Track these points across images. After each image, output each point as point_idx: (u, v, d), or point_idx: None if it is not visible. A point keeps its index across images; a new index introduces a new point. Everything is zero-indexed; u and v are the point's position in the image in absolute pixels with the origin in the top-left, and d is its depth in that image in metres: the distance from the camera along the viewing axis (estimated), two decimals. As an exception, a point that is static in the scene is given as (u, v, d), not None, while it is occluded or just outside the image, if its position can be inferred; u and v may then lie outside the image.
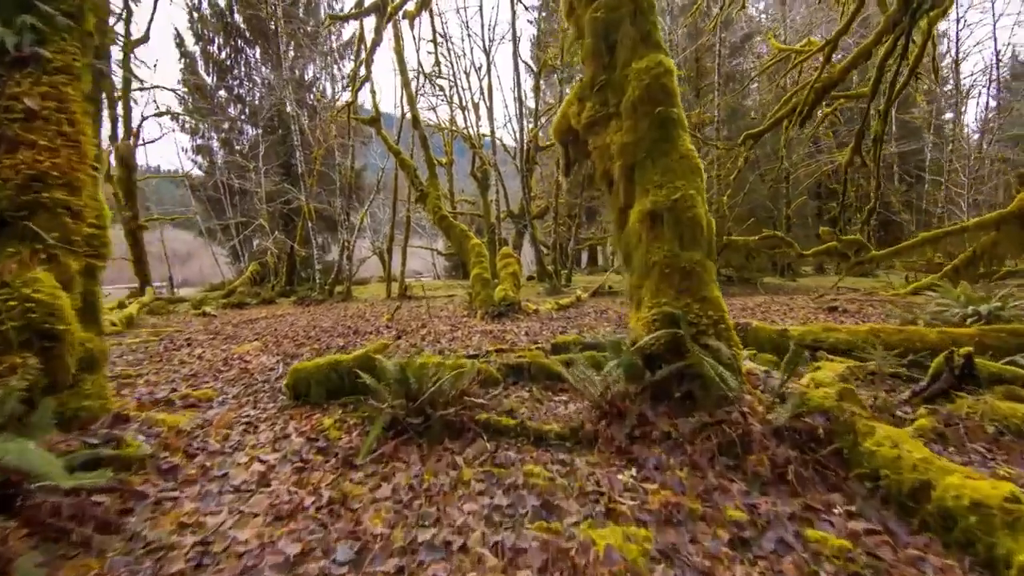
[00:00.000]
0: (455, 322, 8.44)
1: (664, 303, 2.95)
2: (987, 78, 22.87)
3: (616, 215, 3.39)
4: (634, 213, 3.18)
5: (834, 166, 21.73)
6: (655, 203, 3.05)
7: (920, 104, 22.51)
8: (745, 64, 23.59)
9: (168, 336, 8.25)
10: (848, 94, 14.48)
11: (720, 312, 2.96)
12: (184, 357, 6.01)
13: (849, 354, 4.36)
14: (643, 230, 3.10)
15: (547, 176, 26.12)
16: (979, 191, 20.67)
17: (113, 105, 19.31)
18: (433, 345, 6.09)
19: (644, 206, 3.10)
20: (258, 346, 6.57)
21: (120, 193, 19.26)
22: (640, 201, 3.15)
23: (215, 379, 4.80)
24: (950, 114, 24.39)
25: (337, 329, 8.17)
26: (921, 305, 8.23)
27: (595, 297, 13.91)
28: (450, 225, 11.10)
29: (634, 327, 3.18)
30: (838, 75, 11.21)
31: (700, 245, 3.04)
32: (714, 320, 2.92)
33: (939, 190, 22.10)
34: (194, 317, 12.74)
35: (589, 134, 3.51)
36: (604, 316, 8.81)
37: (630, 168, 3.22)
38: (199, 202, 24.77)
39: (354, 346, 6.33)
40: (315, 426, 3.21)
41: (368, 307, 13.21)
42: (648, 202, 3.08)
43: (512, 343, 6.19)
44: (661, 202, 3.03)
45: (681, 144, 3.17)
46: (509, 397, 3.94)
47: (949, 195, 21.00)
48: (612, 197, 3.42)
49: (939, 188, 22.11)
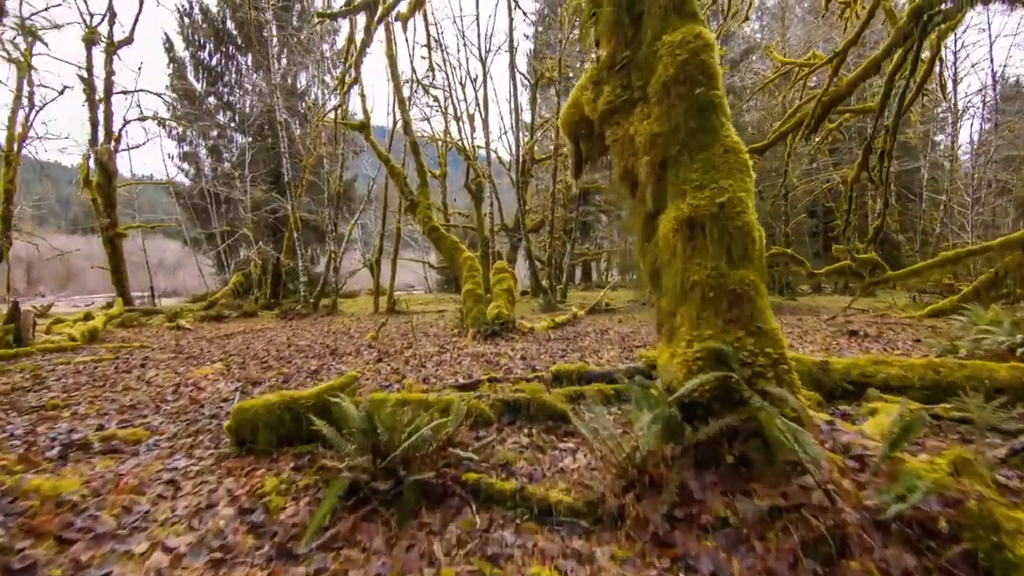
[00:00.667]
0: (444, 342, 7.72)
1: (708, 336, 2.28)
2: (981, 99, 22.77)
3: (641, 223, 2.73)
4: (666, 220, 2.52)
5: (832, 184, 21.40)
6: (695, 208, 2.40)
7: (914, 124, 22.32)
8: (743, 80, 23.32)
9: (128, 353, 7.47)
10: (854, 108, 14.09)
11: (780, 348, 2.29)
12: (132, 382, 5.25)
13: (904, 393, 3.71)
14: (678, 242, 2.43)
15: (543, 190, 25.61)
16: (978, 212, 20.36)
17: (94, 108, 18.64)
18: (417, 371, 5.38)
19: (680, 212, 2.44)
20: (219, 369, 5.82)
21: (99, 199, 18.50)
22: (674, 205, 2.49)
23: (156, 412, 4.06)
24: (940, 136, 24.28)
25: (314, 348, 7.42)
26: (943, 330, 7.64)
27: (592, 314, 13.27)
28: (441, 237, 10.43)
29: (665, 364, 2.50)
30: (845, 88, 10.73)
31: (752, 261, 2.38)
32: (773, 359, 2.25)
33: (936, 210, 21.82)
34: (168, 330, 11.94)
35: (607, 124, 2.86)
36: (605, 337, 8.14)
37: (660, 165, 2.57)
38: (184, 210, 24.01)
39: (328, 371, 5.60)
40: (254, 488, 2.48)
41: (353, 322, 12.47)
42: (685, 207, 2.43)
43: (507, 369, 5.49)
44: (702, 207, 2.38)
45: (725, 135, 2.53)
46: (504, 443, 3.24)
47: (951, 214, 20.68)
48: (636, 202, 2.76)
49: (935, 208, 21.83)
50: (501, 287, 9.56)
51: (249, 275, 20.30)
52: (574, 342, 7.55)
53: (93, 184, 18.80)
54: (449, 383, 4.73)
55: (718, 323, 2.29)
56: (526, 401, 3.63)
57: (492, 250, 18.61)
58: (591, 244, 33.02)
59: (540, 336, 8.29)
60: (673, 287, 2.46)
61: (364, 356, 6.56)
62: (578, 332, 8.95)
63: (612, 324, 10.55)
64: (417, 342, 7.78)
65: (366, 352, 6.87)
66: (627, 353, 6.36)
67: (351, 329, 10.72)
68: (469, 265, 9.76)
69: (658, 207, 2.61)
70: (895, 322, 9.10)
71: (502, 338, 7.95)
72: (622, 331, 9.02)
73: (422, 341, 7.93)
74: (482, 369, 5.49)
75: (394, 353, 6.68)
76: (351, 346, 7.60)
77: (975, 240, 18.21)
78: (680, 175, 2.50)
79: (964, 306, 8.17)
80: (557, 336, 8.32)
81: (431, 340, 7.99)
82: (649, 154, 2.60)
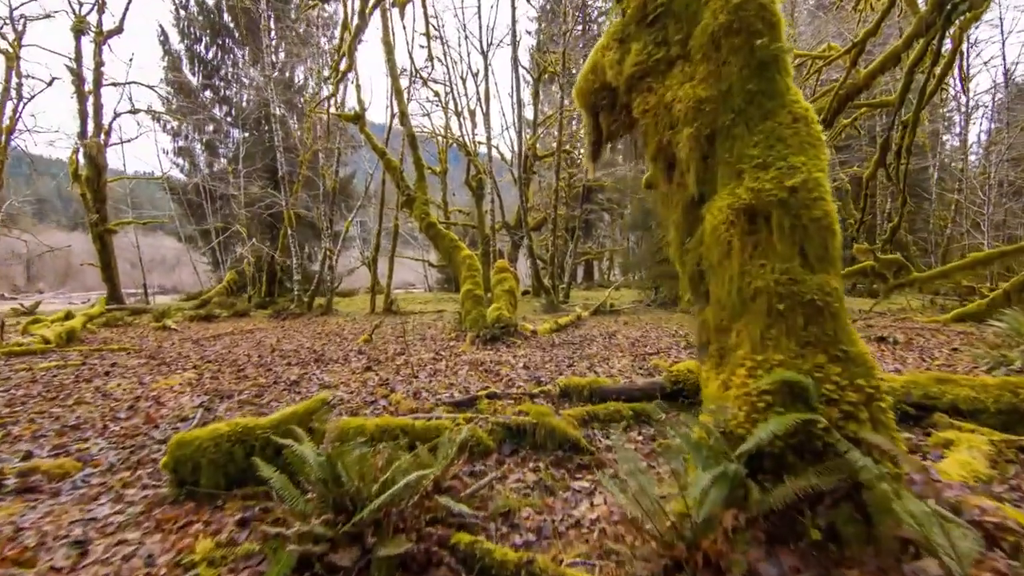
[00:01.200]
0: (440, 347, 7.15)
1: (779, 362, 1.71)
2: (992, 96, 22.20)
3: (679, 214, 2.16)
4: (715, 210, 1.95)
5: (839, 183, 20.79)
6: (757, 193, 1.83)
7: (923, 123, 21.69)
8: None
9: (100, 357, 6.91)
10: (872, 103, 13.48)
11: (873, 379, 1.72)
12: (88, 393, 4.68)
13: (976, 418, 3.15)
14: (734, 237, 1.87)
15: (545, 187, 25.04)
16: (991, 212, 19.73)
17: (83, 100, 18.08)
18: (408, 383, 4.81)
19: (736, 198, 1.87)
20: (189, 379, 5.25)
21: (88, 194, 17.96)
22: (728, 190, 1.92)
23: (101, 434, 3.50)
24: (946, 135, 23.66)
25: (299, 354, 6.85)
26: (977, 337, 7.07)
27: (596, 315, 12.71)
28: (438, 234, 9.86)
29: (715, 396, 1.93)
30: (863, 81, 10.13)
31: (834, 263, 1.81)
32: (867, 394, 1.68)
33: (946, 209, 21.20)
34: (153, 331, 11.39)
35: (635, 91, 2.29)
36: (613, 342, 7.57)
37: (708, 139, 2.00)
38: (179, 206, 23.47)
39: (309, 383, 5.03)
40: (181, 555, 1.92)
41: (348, 323, 11.91)
42: (744, 191, 1.86)
43: (507, 380, 4.92)
44: (767, 191, 1.81)
45: (793, 99, 1.96)
46: (506, 480, 2.67)
47: (965, 214, 20.07)
48: (672, 187, 2.19)
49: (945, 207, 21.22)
50: (502, 288, 8.99)
51: (243, 273, 19.75)
52: (580, 348, 6.98)
53: (82, 178, 18.27)
54: (443, 398, 4.17)
55: (791, 345, 1.72)
56: (531, 426, 3.06)
57: (493, 248, 18.06)
58: (593, 243, 32.46)
59: (544, 341, 7.72)
60: (726, 296, 1.89)
61: (352, 363, 5.99)
62: (583, 336, 8.39)
63: (618, 326, 9.98)
64: (411, 347, 7.22)
65: (355, 359, 6.31)
66: (640, 362, 5.80)
67: (345, 330, 10.16)
68: (468, 264, 9.20)
69: (704, 193, 2.05)
70: (920, 327, 8.51)
71: (503, 343, 7.39)
72: (630, 335, 8.45)
73: (417, 346, 7.36)
74: (480, 380, 4.93)
75: (385, 360, 6.11)
76: (340, 351, 7.03)
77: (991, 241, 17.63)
78: (735, 151, 1.93)
79: (998, 311, 7.60)
80: (562, 340, 7.76)
81: (426, 345, 7.42)
82: (692, 125, 2.03)
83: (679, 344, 7.15)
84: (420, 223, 9.86)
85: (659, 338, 7.98)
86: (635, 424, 3.49)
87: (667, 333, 8.64)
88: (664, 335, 8.40)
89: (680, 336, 8.04)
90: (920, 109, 9.52)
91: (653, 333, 8.68)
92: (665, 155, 2.20)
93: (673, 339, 7.77)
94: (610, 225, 31.28)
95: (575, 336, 8.40)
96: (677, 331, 8.86)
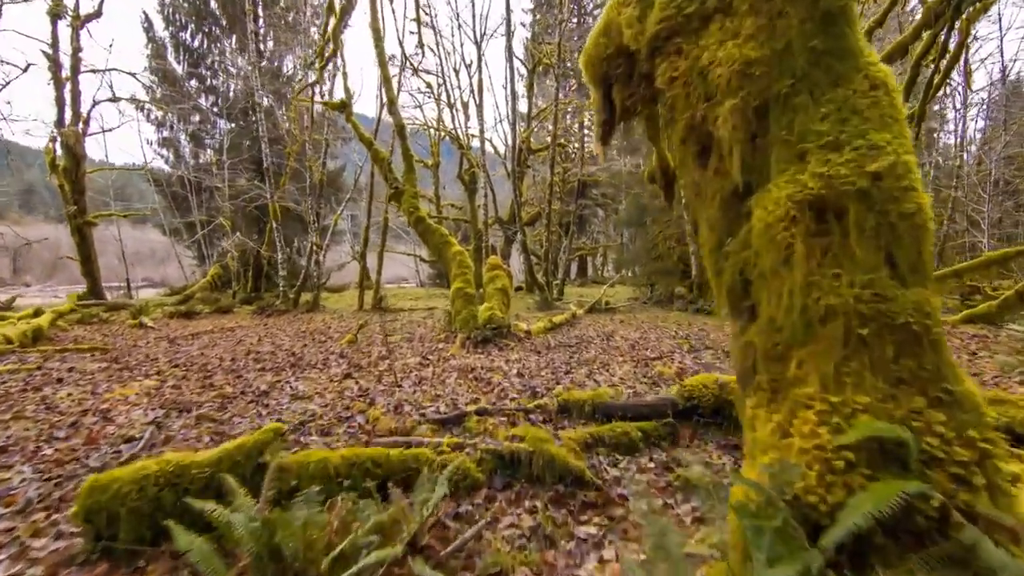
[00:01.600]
0: (428, 350, 6.70)
1: (862, 407, 1.28)
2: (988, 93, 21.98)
3: (717, 206, 1.72)
4: (768, 202, 1.52)
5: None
6: (828, 180, 1.39)
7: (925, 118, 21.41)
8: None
9: (61, 360, 6.39)
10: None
11: (987, 430, 1.29)
12: (31, 406, 4.18)
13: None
14: (796, 238, 1.43)
15: (539, 181, 24.58)
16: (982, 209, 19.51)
17: (60, 87, 17.35)
18: (390, 394, 4.35)
19: (799, 187, 1.44)
20: (149, 387, 4.76)
21: (66, 185, 17.27)
22: (786, 177, 1.49)
23: (30, 459, 3.02)
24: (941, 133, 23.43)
25: (276, 357, 6.37)
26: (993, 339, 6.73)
27: (591, 313, 12.31)
28: (428, 229, 9.38)
29: (768, 443, 1.49)
30: (869, 73, 9.68)
31: (929, 275, 1.38)
32: (981, 451, 1.25)
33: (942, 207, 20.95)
34: (129, 328, 10.87)
35: (660, 55, 1.84)
36: (612, 344, 7.16)
37: (758, 111, 1.57)
38: (163, 198, 22.77)
39: (281, 392, 4.56)
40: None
41: (334, 321, 11.41)
42: (809, 178, 1.43)
43: (500, 391, 4.49)
44: (842, 178, 1.38)
45: (869, 61, 1.53)
46: (496, 526, 2.23)
47: (965, 212, 19.82)
48: (708, 174, 1.75)
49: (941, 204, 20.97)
50: (495, 286, 8.54)
51: (228, 267, 19.16)
52: (578, 351, 6.55)
53: (60, 169, 17.58)
54: (428, 413, 3.73)
55: (879, 384, 1.29)
56: (527, 455, 2.63)
57: (486, 244, 17.60)
58: (587, 239, 32.05)
59: (538, 342, 7.29)
60: (784, 315, 1.46)
61: (332, 369, 5.52)
62: (580, 337, 7.96)
63: (615, 326, 9.57)
64: (398, 349, 6.76)
65: (335, 363, 5.84)
66: (642, 368, 5.38)
67: (330, 329, 9.68)
68: (459, 261, 8.73)
69: (751, 182, 1.61)
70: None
71: (495, 345, 6.94)
72: (629, 336, 8.04)
73: (403, 348, 6.90)
74: (470, 390, 4.49)
75: (367, 365, 5.65)
76: (320, 353, 6.56)
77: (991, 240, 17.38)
78: (796, 127, 1.49)
79: (1015, 313, 7.27)
80: (557, 342, 7.33)
81: (413, 347, 6.96)
82: (737, 96, 1.59)
83: (682, 348, 6.75)
84: (409, 217, 9.38)
85: (659, 340, 7.57)
86: (645, 447, 3.07)
87: (667, 334, 8.24)
88: (664, 336, 8.00)
89: (682, 338, 7.64)
90: (926, 102, 9.18)
91: (652, 334, 8.28)
92: (698, 135, 1.76)
93: (674, 341, 7.36)
94: (604, 221, 30.88)
95: (571, 337, 7.98)
96: (677, 332, 8.46)
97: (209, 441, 3.26)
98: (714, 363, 5.69)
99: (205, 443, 3.24)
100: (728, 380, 3.38)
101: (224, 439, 3.31)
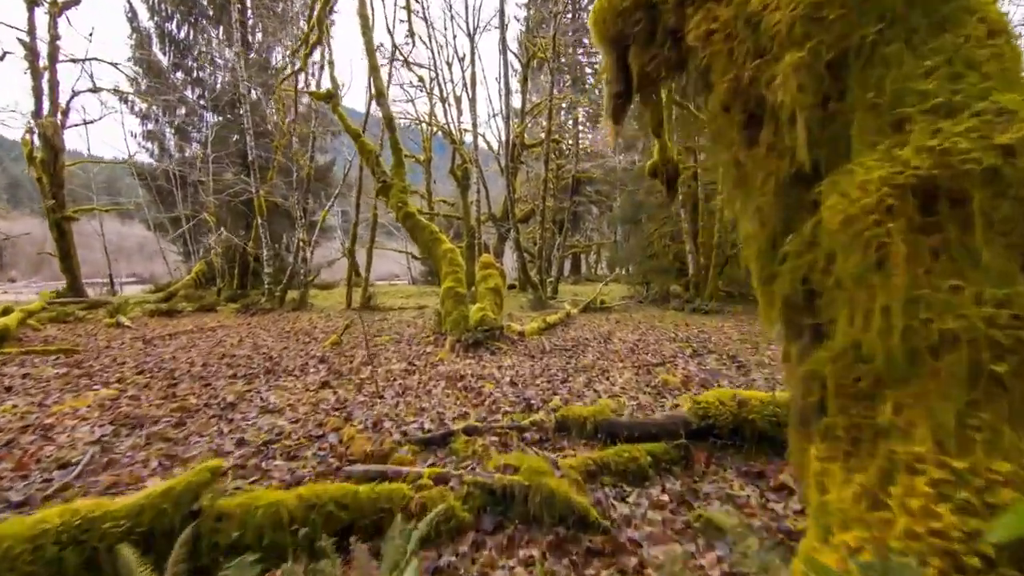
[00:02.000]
0: (415, 354, 6.29)
1: (1002, 476, 0.90)
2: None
3: (772, 193, 1.34)
4: (849, 187, 1.13)
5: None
6: (939, 156, 1.01)
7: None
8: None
9: (18, 365, 5.92)
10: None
11: None
12: (-33, 419, 3.75)
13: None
14: (894, 235, 1.05)
15: (533, 177, 24.17)
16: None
17: (37, 77, 16.71)
18: (370, 407, 3.95)
19: (896, 165, 1.06)
20: (106, 397, 4.32)
21: (44, 178, 16.66)
22: (875, 154, 1.11)
23: (-58, 490, 2.60)
24: None
25: (252, 361, 5.94)
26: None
27: (586, 313, 11.96)
28: (417, 225, 8.96)
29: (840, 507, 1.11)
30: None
31: (1081, 287, 1.00)
32: None
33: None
34: (105, 328, 10.39)
35: (693, 3, 1.45)
36: (610, 347, 6.79)
37: (832, 66, 1.18)
38: (147, 192, 22.14)
39: (250, 404, 4.14)
40: None
41: (320, 320, 10.97)
42: (911, 154, 1.04)
43: (491, 402, 4.10)
44: (960, 152, 1.00)
45: (981, 1, 1.14)
46: (485, 581, 1.85)
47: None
48: (759, 150, 1.36)
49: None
50: (487, 285, 8.15)
51: (213, 264, 18.61)
52: (574, 355, 6.18)
53: (37, 161, 16.97)
54: (410, 431, 3.33)
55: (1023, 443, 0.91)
56: (522, 489, 2.24)
57: (479, 241, 17.19)
58: (581, 236, 31.72)
59: (532, 345, 6.91)
60: (875, 339, 1.07)
61: (309, 376, 5.10)
62: (576, 339, 7.59)
63: (612, 326, 9.22)
64: (383, 353, 6.35)
65: (314, 369, 5.42)
66: (644, 375, 5.01)
67: (315, 329, 9.25)
68: (450, 259, 8.32)
69: (821, 160, 1.22)
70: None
71: (486, 348, 6.55)
72: (627, 338, 7.68)
73: (389, 352, 6.49)
74: (458, 402, 4.09)
75: (348, 372, 5.23)
76: (300, 358, 6.13)
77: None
78: (888, 85, 1.11)
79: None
80: (552, 345, 6.95)
81: (400, 351, 6.55)
82: (803, 47, 1.20)
83: (684, 352, 6.39)
84: (397, 213, 8.95)
85: (659, 342, 7.21)
86: (656, 474, 2.69)
87: (666, 336, 7.88)
88: (663, 338, 7.64)
89: (683, 341, 7.28)
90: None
91: (651, 336, 7.92)
92: (744, 100, 1.37)
93: (675, 344, 7.01)
94: (598, 218, 30.55)
95: (567, 339, 7.61)
96: (676, 334, 8.11)
97: (157, 466, 2.85)
98: (720, 369, 5.33)
99: (152, 468, 2.82)
100: (747, 396, 3.00)
101: (175, 463, 2.90)
